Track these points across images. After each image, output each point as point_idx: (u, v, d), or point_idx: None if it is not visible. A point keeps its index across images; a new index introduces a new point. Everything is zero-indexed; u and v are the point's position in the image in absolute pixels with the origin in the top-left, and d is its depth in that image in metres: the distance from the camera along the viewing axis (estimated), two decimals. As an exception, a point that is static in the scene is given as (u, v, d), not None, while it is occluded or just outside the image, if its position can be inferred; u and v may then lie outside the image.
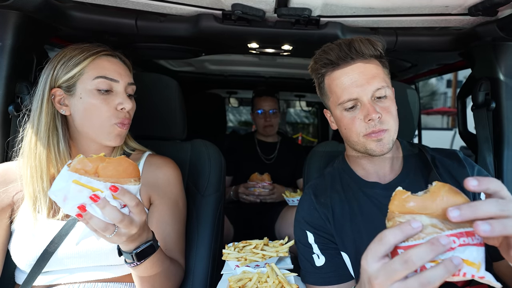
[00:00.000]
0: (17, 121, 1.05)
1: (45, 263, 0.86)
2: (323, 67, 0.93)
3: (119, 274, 0.92)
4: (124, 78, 0.94)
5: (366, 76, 0.87)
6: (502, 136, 1.16)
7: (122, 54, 0.99)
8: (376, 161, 0.96)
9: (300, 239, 0.97)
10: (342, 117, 0.91)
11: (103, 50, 0.93)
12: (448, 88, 21.72)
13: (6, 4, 0.91)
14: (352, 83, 0.87)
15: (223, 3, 1.03)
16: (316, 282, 0.92)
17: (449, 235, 0.47)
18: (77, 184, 0.64)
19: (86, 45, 0.93)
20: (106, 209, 0.65)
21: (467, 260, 0.47)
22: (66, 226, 0.88)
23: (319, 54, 0.94)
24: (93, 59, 0.90)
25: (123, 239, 0.70)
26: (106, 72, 0.90)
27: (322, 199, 0.98)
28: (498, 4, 0.93)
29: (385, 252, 0.51)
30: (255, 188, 1.98)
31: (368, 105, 0.86)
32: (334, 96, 0.92)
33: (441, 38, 1.28)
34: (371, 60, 0.90)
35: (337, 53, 0.89)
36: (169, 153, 1.12)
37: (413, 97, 1.30)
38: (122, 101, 0.91)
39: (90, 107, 0.89)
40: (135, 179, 0.69)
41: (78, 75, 0.89)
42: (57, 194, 0.64)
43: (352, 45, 0.88)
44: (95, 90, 0.89)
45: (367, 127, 0.87)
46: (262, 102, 2.20)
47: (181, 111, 1.23)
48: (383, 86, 0.87)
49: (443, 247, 0.46)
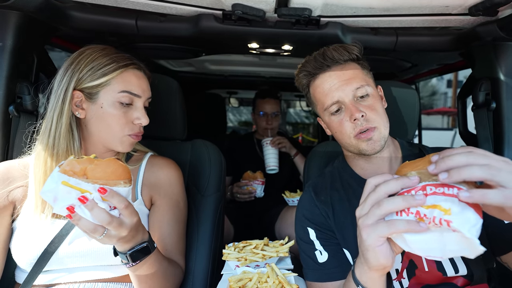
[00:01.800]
0: (17, 121, 1.06)
1: (46, 262, 0.86)
2: (304, 79, 0.99)
3: (119, 274, 0.92)
4: (146, 93, 0.97)
5: (343, 78, 0.92)
6: (503, 136, 1.16)
7: (146, 67, 1.01)
8: (374, 160, 0.96)
9: (302, 236, 0.97)
10: (330, 122, 0.96)
11: (132, 63, 0.94)
12: (448, 88, 21.71)
13: (6, 4, 0.91)
14: (331, 88, 0.92)
15: (223, 3, 1.03)
16: (319, 278, 0.92)
17: (429, 184, 0.53)
18: (66, 185, 0.64)
19: (116, 54, 0.93)
20: (94, 211, 0.65)
21: (439, 205, 0.51)
22: (67, 226, 0.88)
23: (300, 68, 1.00)
24: (121, 71, 0.91)
25: (113, 240, 0.70)
26: (132, 87, 0.92)
27: (323, 197, 0.98)
28: (499, 4, 0.92)
29: (376, 200, 0.57)
30: (247, 187, 1.98)
31: (351, 105, 0.90)
32: (319, 103, 0.97)
33: (441, 38, 1.28)
34: (348, 64, 0.94)
35: (313, 64, 0.95)
36: (169, 153, 1.12)
37: (413, 97, 1.30)
38: (140, 116, 0.94)
39: (109, 117, 0.90)
40: (125, 181, 0.69)
41: (104, 85, 0.90)
42: (47, 195, 0.65)
43: (326, 54, 0.93)
44: (118, 103, 0.91)
45: (354, 127, 0.90)
46: (265, 104, 2.19)
47: (181, 111, 1.23)
48: (362, 85, 0.91)
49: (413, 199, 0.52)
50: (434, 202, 0.51)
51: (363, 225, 0.58)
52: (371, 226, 0.57)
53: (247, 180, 2.00)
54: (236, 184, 2.04)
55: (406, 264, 0.86)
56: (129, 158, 1.04)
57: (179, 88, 1.22)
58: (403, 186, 0.55)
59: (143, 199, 0.99)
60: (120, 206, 0.68)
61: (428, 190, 0.52)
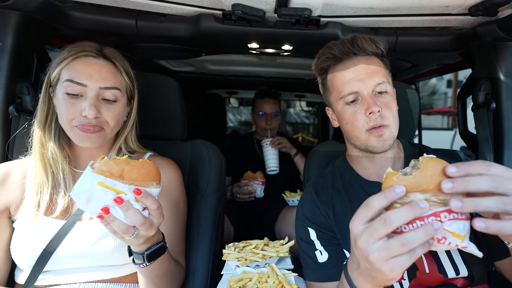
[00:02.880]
0: (17, 121, 1.06)
1: (46, 262, 0.86)
2: (326, 61, 0.95)
3: (119, 274, 0.92)
4: (97, 81, 0.88)
5: (367, 71, 0.89)
6: (503, 136, 1.16)
7: (118, 54, 0.96)
8: (377, 160, 0.96)
9: (302, 236, 0.97)
10: (343, 112, 0.93)
11: (83, 50, 0.90)
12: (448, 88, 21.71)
13: (6, 4, 0.91)
14: (353, 77, 0.90)
15: (223, 3, 1.03)
16: (319, 278, 0.92)
17: (442, 211, 0.51)
18: (102, 186, 0.64)
19: (75, 44, 0.92)
20: (129, 212, 0.65)
21: (454, 232, 0.51)
22: (66, 225, 0.88)
23: (323, 50, 0.96)
24: (70, 60, 0.88)
25: (141, 241, 0.71)
26: (76, 75, 0.87)
27: (323, 197, 0.98)
28: (498, 4, 0.92)
29: (371, 216, 0.55)
30: (247, 187, 1.98)
31: (369, 98, 0.88)
32: (336, 90, 0.94)
33: (441, 38, 1.28)
34: (373, 57, 0.92)
35: (340, 48, 0.92)
36: (169, 153, 1.12)
37: (413, 97, 1.30)
38: (85, 107, 0.86)
39: (60, 109, 0.89)
40: (156, 182, 0.71)
41: (58, 77, 0.89)
42: (80, 196, 0.65)
43: (355, 41, 0.91)
44: (65, 94, 0.87)
45: (368, 121, 0.88)
46: (264, 105, 2.19)
47: (181, 111, 1.23)
48: (383, 81, 0.89)
49: (421, 209, 0.50)
50: (448, 228, 0.51)
51: (368, 250, 0.53)
52: (382, 248, 0.52)
53: (247, 180, 2.00)
54: (236, 184, 2.04)
55: None
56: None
57: (179, 88, 1.22)
58: (415, 216, 0.51)
59: None
60: (152, 207, 0.68)
61: (443, 217, 0.51)
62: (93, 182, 0.64)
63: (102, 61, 0.91)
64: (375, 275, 0.56)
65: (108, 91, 0.90)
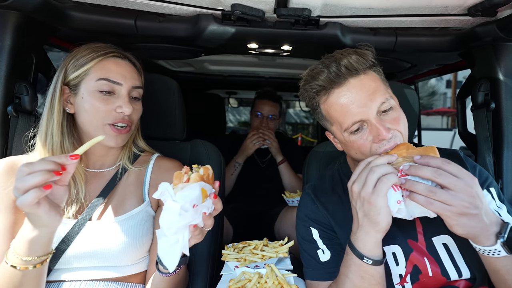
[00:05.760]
0: (16, 121, 1.05)
1: (56, 261, 0.86)
2: (315, 96, 0.85)
3: (123, 274, 0.92)
4: (129, 81, 0.93)
5: (365, 93, 0.79)
6: (502, 136, 1.16)
7: (133, 56, 0.99)
8: None
9: (304, 236, 0.97)
10: (350, 142, 0.84)
11: (111, 51, 0.93)
12: (447, 88, 21.73)
13: (5, 4, 0.90)
14: (352, 105, 0.79)
15: (223, 3, 1.03)
16: (320, 277, 0.92)
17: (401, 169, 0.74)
18: (201, 191, 0.71)
19: (97, 45, 0.93)
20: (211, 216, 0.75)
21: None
22: (77, 224, 0.88)
23: (307, 81, 0.86)
24: (99, 60, 0.91)
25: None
26: (110, 74, 0.91)
27: (323, 200, 0.98)
28: (498, 4, 0.92)
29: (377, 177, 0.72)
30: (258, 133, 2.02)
31: (377, 124, 0.79)
32: (336, 122, 0.84)
33: (440, 38, 1.28)
34: (366, 73, 0.82)
35: (327, 76, 0.81)
36: (168, 154, 1.11)
37: (413, 98, 1.30)
38: (121, 104, 0.91)
39: (89, 107, 0.90)
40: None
41: (83, 75, 0.90)
42: (186, 201, 0.69)
43: (341, 63, 0.80)
44: (97, 91, 0.90)
45: (379, 147, 0.80)
46: (262, 105, 2.17)
47: (180, 111, 1.22)
48: (386, 98, 0.80)
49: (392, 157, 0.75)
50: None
51: (367, 193, 0.72)
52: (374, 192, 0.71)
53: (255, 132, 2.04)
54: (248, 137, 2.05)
55: (410, 269, 0.85)
56: (135, 159, 1.04)
57: (178, 88, 1.22)
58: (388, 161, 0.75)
59: (150, 201, 0.99)
60: (219, 208, 0.77)
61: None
62: (197, 188, 0.70)
63: (127, 62, 0.96)
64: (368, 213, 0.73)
65: (136, 90, 0.97)
